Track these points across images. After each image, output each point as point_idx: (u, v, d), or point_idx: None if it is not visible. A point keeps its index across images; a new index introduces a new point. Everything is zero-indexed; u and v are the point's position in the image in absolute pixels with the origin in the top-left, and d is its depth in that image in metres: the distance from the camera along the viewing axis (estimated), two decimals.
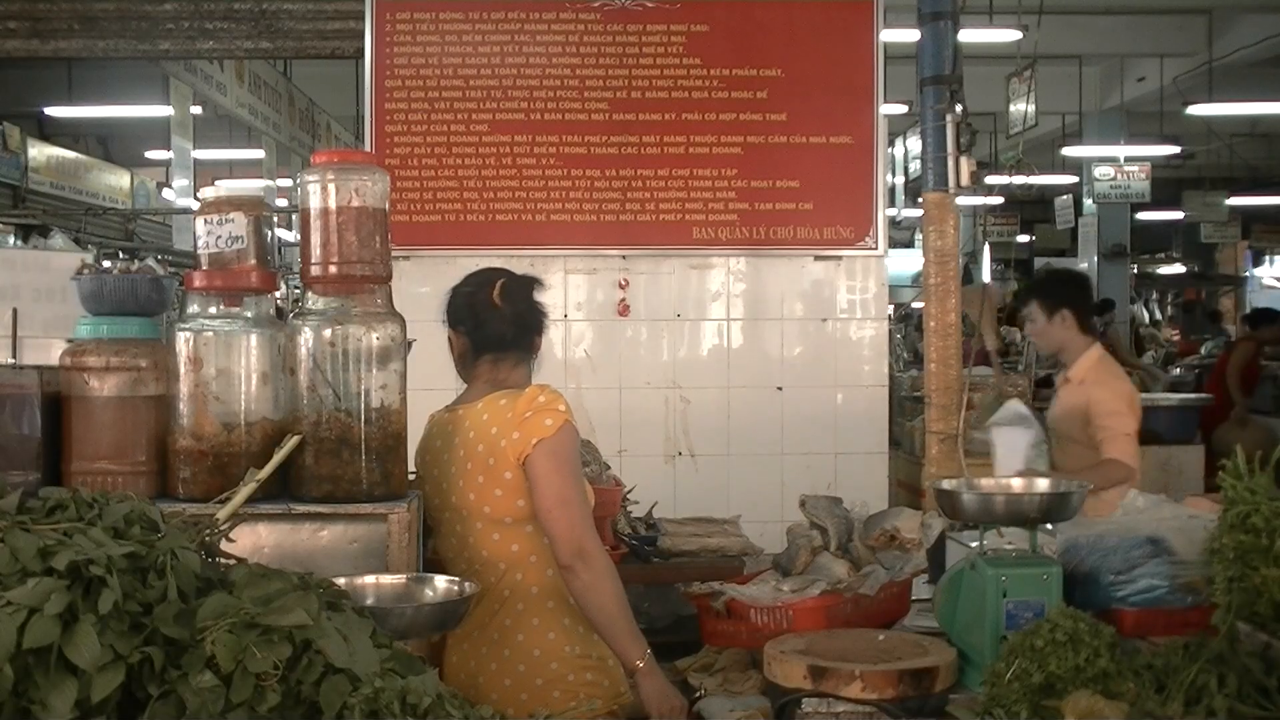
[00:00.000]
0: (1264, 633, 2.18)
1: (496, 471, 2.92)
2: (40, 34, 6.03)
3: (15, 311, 3.06)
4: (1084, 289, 5.22)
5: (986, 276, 19.63)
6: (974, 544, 2.89)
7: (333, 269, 2.67)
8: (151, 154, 16.52)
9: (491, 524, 2.94)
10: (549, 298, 3.24)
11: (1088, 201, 16.80)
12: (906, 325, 13.13)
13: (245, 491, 2.49)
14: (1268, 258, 26.06)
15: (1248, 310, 19.03)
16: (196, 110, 11.53)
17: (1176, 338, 20.30)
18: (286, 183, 14.22)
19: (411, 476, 2.96)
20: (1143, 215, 19.34)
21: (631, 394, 5.99)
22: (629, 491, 4.44)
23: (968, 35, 7.18)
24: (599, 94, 5.91)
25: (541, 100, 5.90)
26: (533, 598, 2.95)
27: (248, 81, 10.97)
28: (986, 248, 19.54)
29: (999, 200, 16.72)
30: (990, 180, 11.36)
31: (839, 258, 5.99)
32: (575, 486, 2.92)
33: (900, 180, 15.20)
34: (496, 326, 3.09)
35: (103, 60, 8.97)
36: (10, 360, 3.00)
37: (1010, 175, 9.15)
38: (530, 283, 3.17)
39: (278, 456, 2.58)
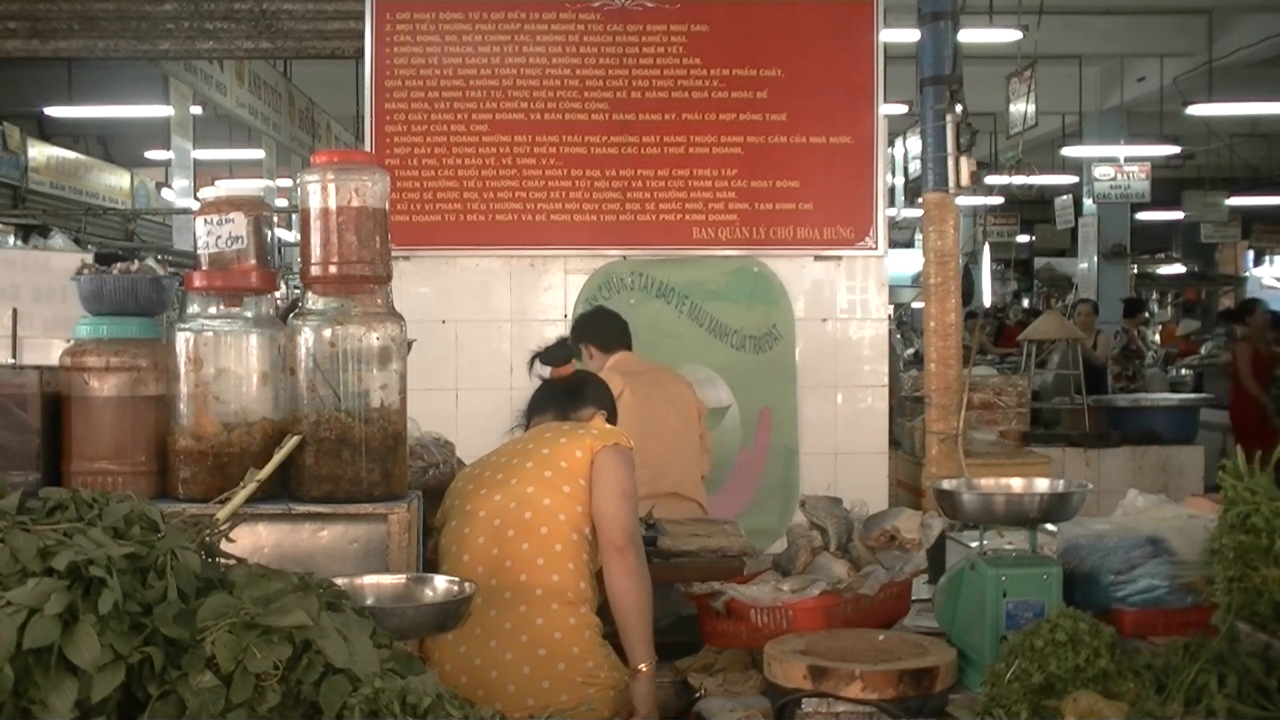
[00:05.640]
0: (1264, 633, 2.18)
1: (569, 474, 3.07)
2: (40, 34, 6.03)
3: (15, 311, 3.05)
4: None
5: (986, 276, 19.68)
6: (974, 544, 2.89)
7: (333, 269, 2.66)
8: (151, 154, 16.51)
9: (543, 519, 3.03)
10: (549, 297, 3.31)
11: (1088, 201, 16.79)
12: (903, 327, 13.09)
13: (245, 491, 2.48)
14: (1268, 258, 26.05)
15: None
16: (196, 110, 11.53)
17: (1158, 338, 20.23)
18: (286, 183, 14.21)
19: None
20: (1143, 215, 19.34)
21: None
22: None
23: (968, 35, 7.20)
24: (599, 94, 5.91)
25: (541, 100, 5.90)
26: (553, 585, 3.00)
27: (248, 81, 10.96)
28: (986, 248, 19.56)
29: (999, 200, 16.72)
30: (990, 180, 11.39)
31: (839, 258, 5.98)
32: (635, 494, 3.13)
33: (900, 180, 15.18)
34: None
35: (103, 60, 8.96)
36: (10, 360, 3.00)
37: (1010, 175, 9.17)
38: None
39: (278, 456, 2.58)
